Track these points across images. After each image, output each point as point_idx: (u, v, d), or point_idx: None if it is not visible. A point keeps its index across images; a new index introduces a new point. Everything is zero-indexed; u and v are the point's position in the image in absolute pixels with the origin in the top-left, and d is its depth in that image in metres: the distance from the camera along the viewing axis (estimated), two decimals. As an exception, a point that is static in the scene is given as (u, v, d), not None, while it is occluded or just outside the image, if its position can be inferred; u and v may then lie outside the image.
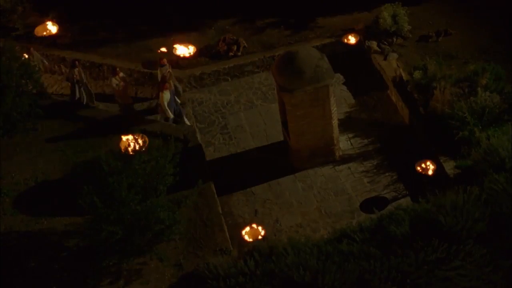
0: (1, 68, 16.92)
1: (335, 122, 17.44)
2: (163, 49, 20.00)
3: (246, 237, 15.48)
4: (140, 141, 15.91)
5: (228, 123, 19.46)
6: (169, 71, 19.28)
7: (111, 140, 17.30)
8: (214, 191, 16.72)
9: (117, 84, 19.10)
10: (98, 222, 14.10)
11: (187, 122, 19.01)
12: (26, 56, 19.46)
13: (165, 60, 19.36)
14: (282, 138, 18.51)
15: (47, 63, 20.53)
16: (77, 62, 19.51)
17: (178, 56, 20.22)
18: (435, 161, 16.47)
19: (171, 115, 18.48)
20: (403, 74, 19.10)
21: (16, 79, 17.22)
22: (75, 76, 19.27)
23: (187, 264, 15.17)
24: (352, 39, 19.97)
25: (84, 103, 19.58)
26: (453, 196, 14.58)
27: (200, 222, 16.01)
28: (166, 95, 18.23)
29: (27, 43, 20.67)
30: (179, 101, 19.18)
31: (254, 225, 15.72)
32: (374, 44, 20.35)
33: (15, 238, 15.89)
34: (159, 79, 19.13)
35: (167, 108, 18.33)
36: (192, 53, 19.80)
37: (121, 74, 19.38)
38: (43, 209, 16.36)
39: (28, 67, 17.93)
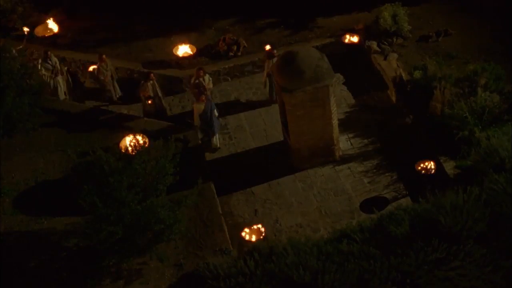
0: (1, 68, 16.93)
1: (335, 122, 17.44)
2: (268, 47, 19.61)
3: (246, 237, 15.48)
4: (140, 141, 15.91)
5: (228, 123, 19.45)
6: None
7: (111, 140, 17.30)
8: (214, 191, 16.72)
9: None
10: (98, 222, 14.10)
11: (216, 141, 18.63)
12: (94, 67, 19.46)
13: (276, 52, 19.05)
14: (282, 138, 18.51)
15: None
16: (152, 75, 18.83)
17: (178, 56, 20.27)
18: (435, 161, 16.47)
19: (198, 123, 18.21)
20: (403, 74, 19.11)
21: (16, 79, 17.23)
22: (148, 91, 18.71)
23: (187, 264, 15.17)
24: (352, 39, 19.98)
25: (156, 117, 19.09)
26: (453, 196, 14.57)
27: (200, 222, 16.01)
28: (200, 106, 17.94)
29: (27, 43, 20.68)
30: (216, 114, 18.54)
31: (254, 225, 15.72)
32: (374, 44, 20.36)
33: (15, 238, 15.89)
34: (266, 71, 19.02)
35: (197, 116, 18.07)
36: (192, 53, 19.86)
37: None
38: (43, 209, 16.36)
39: (28, 67, 17.96)
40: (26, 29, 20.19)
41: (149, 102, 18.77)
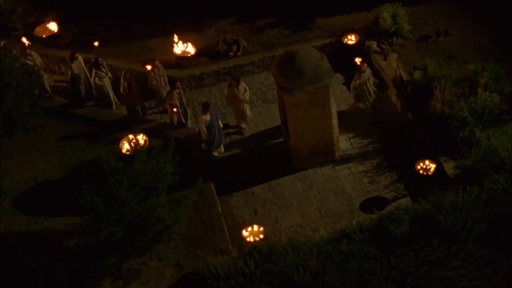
0: (1, 68, 16.93)
1: (335, 122, 17.44)
2: (358, 60, 18.84)
3: (246, 237, 15.48)
4: (140, 141, 15.91)
5: (228, 123, 19.43)
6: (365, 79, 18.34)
7: (111, 140, 17.29)
8: (214, 191, 16.73)
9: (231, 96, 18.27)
10: (98, 222, 14.11)
11: (221, 151, 18.50)
12: (148, 68, 19.18)
13: (365, 66, 18.57)
14: (282, 138, 18.51)
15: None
16: (178, 84, 18.43)
17: (178, 56, 20.24)
18: (435, 161, 16.47)
19: (206, 138, 18.00)
20: (403, 74, 19.10)
21: (17, 79, 17.23)
22: (174, 99, 18.33)
23: (187, 264, 15.18)
24: (352, 39, 19.96)
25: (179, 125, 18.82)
26: (453, 196, 14.58)
27: (200, 222, 16.02)
28: (206, 118, 17.74)
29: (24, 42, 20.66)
30: (221, 125, 18.38)
31: (254, 225, 15.72)
32: (374, 44, 20.35)
33: (15, 238, 15.90)
34: (355, 87, 18.56)
35: (204, 130, 17.83)
36: (192, 53, 19.80)
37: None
38: (43, 209, 16.37)
39: (28, 67, 17.96)
40: (96, 43, 19.89)
41: (175, 110, 18.59)
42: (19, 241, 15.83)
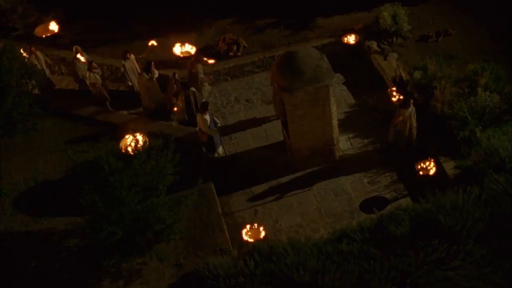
0: (1, 68, 16.93)
1: (335, 122, 17.43)
2: (394, 93, 17.68)
3: (246, 237, 15.48)
4: (140, 141, 15.91)
5: (228, 123, 19.45)
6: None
7: (111, 140, 17.29)
8: (214, 191, 16.73)
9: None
10: (98, 222, 14.11)
11: (220, 152, 18.50)
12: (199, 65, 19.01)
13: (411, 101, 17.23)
14: (282, 138, 18.51)
15: None
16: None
17: (178, 56, 20.22)
18: (435, 161, 16.48)
19: (216, 133, 18.00)
20: (403, 74, 19.11)
21: (17, 79, 17.23)
22: (178, 100, 18.34)
23: (187, 264, 15.18)
24: (352, 39, 19.96)
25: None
26: (453, 196, 14.58)
27: (200, 222, 16.02)
28: (206, 118, 17.65)
29: (27, 43, 20.67)
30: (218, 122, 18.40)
31: (254, 225, 15.72)
32: (374, 44, 20.36)
33: (15, 238, 15.90)
34: (396, 125, 17.50)
35: (209, 130, 17.76)
36: (192, 53, 19.79)
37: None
38: (43, 209, 16.37)
39: (28, 67, 17.96)
40: (154, 43, 19.68)
41: (175, 109, 18.51)
42: (19, 241, 15.83)
